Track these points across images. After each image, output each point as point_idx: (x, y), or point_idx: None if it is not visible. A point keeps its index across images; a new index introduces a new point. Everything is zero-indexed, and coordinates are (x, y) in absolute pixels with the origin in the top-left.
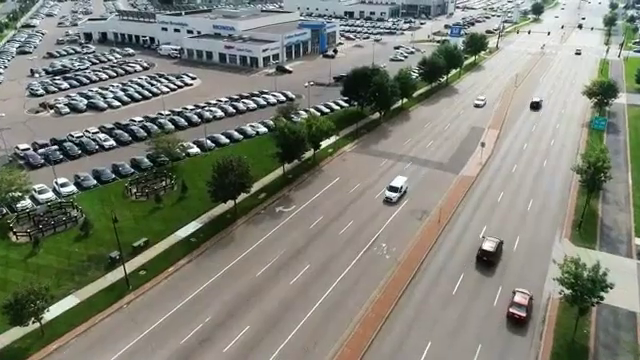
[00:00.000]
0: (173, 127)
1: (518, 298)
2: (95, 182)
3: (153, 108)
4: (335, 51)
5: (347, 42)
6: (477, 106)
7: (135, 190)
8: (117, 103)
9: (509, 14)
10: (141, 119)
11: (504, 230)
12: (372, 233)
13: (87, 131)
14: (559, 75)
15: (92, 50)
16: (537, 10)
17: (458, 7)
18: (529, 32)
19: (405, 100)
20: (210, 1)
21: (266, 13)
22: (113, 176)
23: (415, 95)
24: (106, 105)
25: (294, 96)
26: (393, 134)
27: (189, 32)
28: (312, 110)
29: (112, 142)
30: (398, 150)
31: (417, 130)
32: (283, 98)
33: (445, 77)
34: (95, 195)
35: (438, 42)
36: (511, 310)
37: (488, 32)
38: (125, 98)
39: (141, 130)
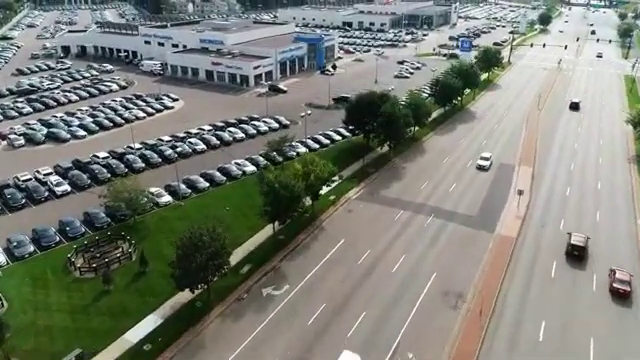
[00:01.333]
0: (143, 165)
1: (619, 275)
2: (32, 248)
3: (124, 139)
4: (334, 67)
5: (346, 56)
6: (481, 168)
7: (81, 262)
8: (82, 133)
9: (515, 25)
10: (106, 155)
11: (570, 328)
12: (392, 335)
13: (37, 172)
14: (585, 94)
15: (68, 66)
16: (544, 20)
17: (460, 17)
18: (544, 45)
19: (417, 128)
20: (202, 11)
21: (259, 25)
22: (57, 238)
23: (428, 120)
24: (69, 135)
25: (288, 122)
26: (407, 173)
27: (174, 46)
28: (309, 142)
29: (66, 187)
30: (415, 196)
31: (434, 167)
32: (276, 125)
33: (460, 99)
34: (28, 269)
35: (444, 56)
36: (615, 285)
37: (496, 44)
38: (92, 126)
39: (104, 170)
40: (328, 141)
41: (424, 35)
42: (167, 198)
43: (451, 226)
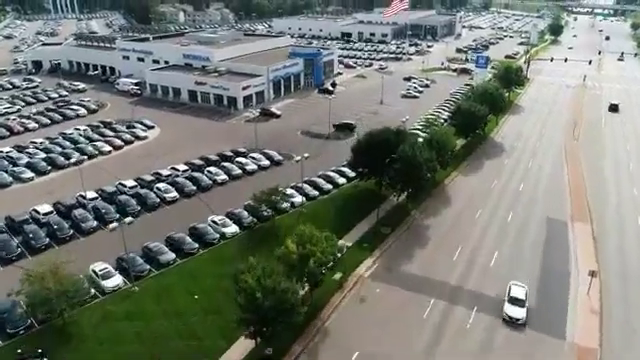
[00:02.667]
0: (95, 223)
1: None
2: None
3: (76, 183)
4: (333, 84)
5: (346, 71)
6: (512, 321)
7: None
8: (29, 174)
9: (524, 35)
10: (49, 210)
11: None
12: None
13: None
14: (622, 119)
15: (35, 84)
16: (555, 31)
17: (464, 27)
18: (566, 60)
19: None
20: (194, 21)
21: (250, 37)
22: None
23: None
24: (10, 178)
25: (281, 158)
26: (432, 235)
27: (155, 62)
28: (306, 188)
29: None
30: (447, 273)
31: (466, 225)
32: (266, 162)
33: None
34: None
35: (454, 71)
36: None
37: (508, 57)
38: (43, 165)
39: (41, 233)
40: (330, 186)
41: (429, 47)
42: (116, 280)
43: (503, 330)
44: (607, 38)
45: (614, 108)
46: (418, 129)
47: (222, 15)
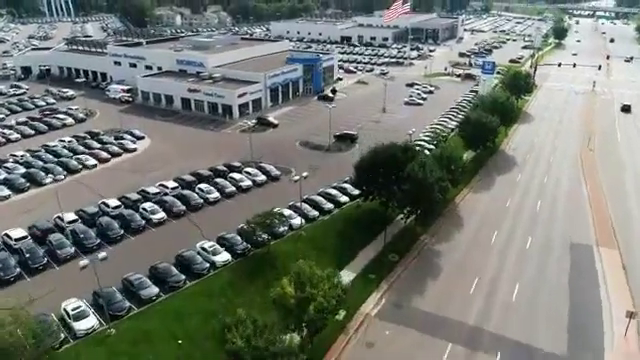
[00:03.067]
0: (72, 250)
1: None
2: None
3: (63, 201)
4: (334, 91)
5: (347, 76)
6: None
7: None
8: (5, 192)
9: (527, 39)
10: (23, 234)
11: None
12: None
13: None
14: (638, 124)
15: (23, 91)
16: (559, 34)
17: (466, 30)
18: (574, 65)
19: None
20: (191, 24)
21: (247, 42)
22: None
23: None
24: None
25: (279, 173)
26: (445, 263)
27: (148, 68)
28: (305, 207)
29: None
30: (464, 310)
31: (481, 252)
32: (262, 178)
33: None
34: None
35: (459, 76)
36: None
37: (513, 62)
38: (21, 182)
39: (11, 262)
40: (331, 205)
41: (430, 51)
42: (90, 322)
43: None
44: (612, 40)
45: (627, 109)
46: (424, 140)
47: (219, 18)
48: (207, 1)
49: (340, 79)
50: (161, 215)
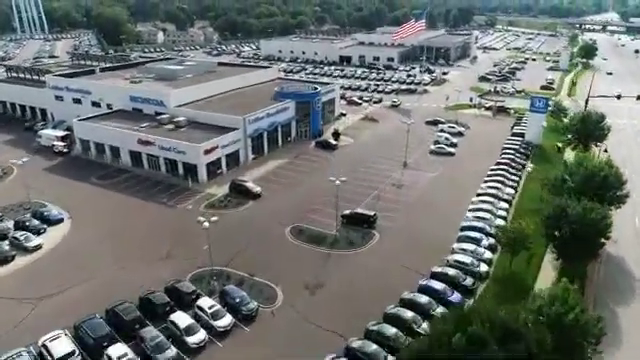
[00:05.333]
0: None
1: None
2: None
3: None
4: (336, 134)
5: (350, 109)
6: None
7: None
8: None
9: (548, 57)
10: None
11: None
12: None
13: None
14: None
15: None
16: (589, 53)
17: (478, 48)
18: (618, 97)
19: None
20: (174, 42)
21: (227, 69)
22: None
23: None
24: None
25: (255, 306)
26: None
27: (95, 105)
28: None
29: None
30: None
31: None
32: (227, 322)
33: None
34: None
35: (489, 109)
36: None
37: (545, 88)
38: None
39: None
40: None
41: (444, 74)
42: None
43: None
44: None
45: None
46: (478, 230)
47: (206, 35)
48: (194, 17)
49: (343, 114)
50: None
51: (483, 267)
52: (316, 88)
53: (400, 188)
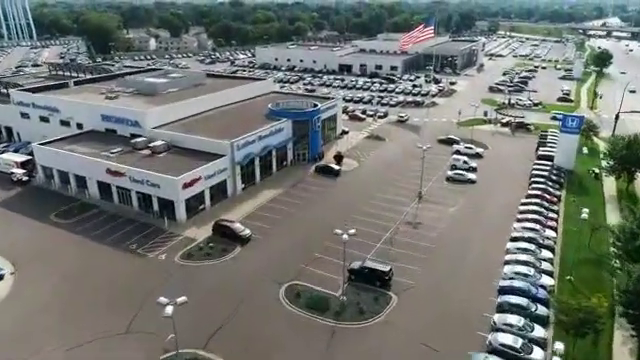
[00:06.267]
0: None
1: None
2: None
3: None
4: (339, 157)
5: (353, 125)
6: None
7: None
8: None
9: (559, 66)
10: None
11: None
12: None
13: None
14: None
15: None
16: (603, 61)
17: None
18: None
19: None
20: (166, 49)
21: (216, 80)
22: None
23: None
24: None
25: None
26: None
27: (64, 124)
28: None
29: None
30: None
31: None
32: None
33: None
34: None
35: (506, 125)
36: None
37: (563, 100)
38: None
39: None
40: None
41: (451, 84)
42: None
43: None
44: None
45: None
46: (522, 293)
47: (199, 42)
48: (190, 23)
49: (345, 132)
50: None
51: (538, 354)
52: (316, 105)
53: (417, 228)
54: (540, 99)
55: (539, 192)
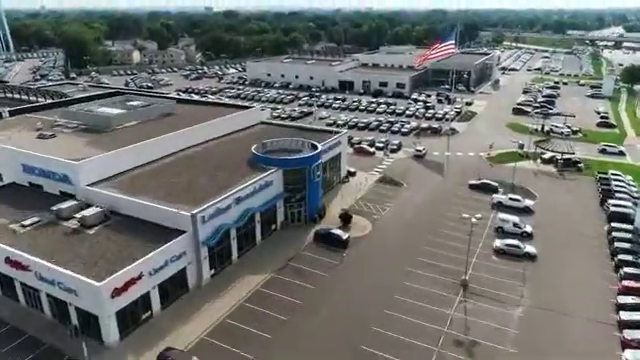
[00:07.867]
0: None
1: None
2: None
3: None
4: (346, 218)
5: (360, 163)
6: None
7: None
8: None
9: (582, 81)
10: None
11: None
12: None
13: None
14: None
15: None
16: (635, 78)
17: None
18: None
19: None
20: (151, 62)
21: (189, 108)
22: None
23: None
24: None
25: None
26: None
27: None
28: None
29: None
30: None
31: None
32: None
33: None
34: None
35: (550, 163)
36: None
37: (602, 125)
38: None
39: None
40: None
41: (467, 104)
42: None
43: None
44: None
45: None
46: None
47: (187, 54)
48: (180, 34)
49: (352, 174)
50: None
51: None
52: (315, 146)
53: (472, 354)
54: (578, 125)
55: (636, 283)
